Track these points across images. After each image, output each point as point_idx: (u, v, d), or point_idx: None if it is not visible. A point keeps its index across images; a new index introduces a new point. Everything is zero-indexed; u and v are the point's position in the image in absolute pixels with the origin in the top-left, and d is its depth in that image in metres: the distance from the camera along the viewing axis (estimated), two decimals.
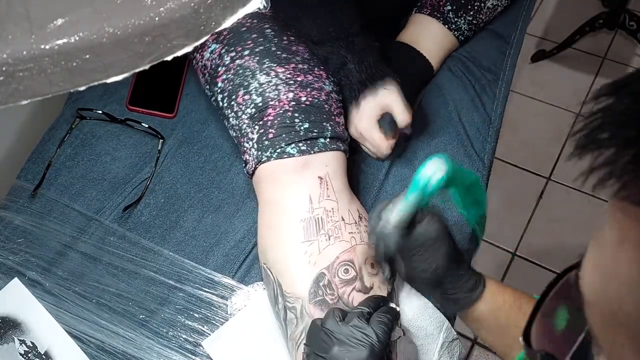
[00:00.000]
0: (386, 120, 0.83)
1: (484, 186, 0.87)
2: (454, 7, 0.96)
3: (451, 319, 0.77)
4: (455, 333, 0.76)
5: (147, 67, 0.41)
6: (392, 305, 0.66)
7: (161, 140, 0.91)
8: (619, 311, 0.28)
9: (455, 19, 0.96)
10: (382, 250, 0.65)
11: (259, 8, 0.46)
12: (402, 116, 0.82)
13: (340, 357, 0.58)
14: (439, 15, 0.96)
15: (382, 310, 0.63)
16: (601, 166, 0.27)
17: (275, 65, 0.79)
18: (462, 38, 0.99)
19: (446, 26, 0.96)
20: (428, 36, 0.96)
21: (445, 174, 0.60)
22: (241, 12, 0.44)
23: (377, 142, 0.84)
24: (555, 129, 2.00)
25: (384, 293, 0.69)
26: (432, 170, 0.60)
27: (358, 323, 0.60)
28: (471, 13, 0.97)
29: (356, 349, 0.58)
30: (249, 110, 0.78)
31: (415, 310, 0.75)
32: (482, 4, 0.98)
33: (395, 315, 0.63)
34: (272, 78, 0.78)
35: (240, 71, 0.80)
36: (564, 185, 1.87)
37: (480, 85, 0.98)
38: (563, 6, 2.33)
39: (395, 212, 0.62)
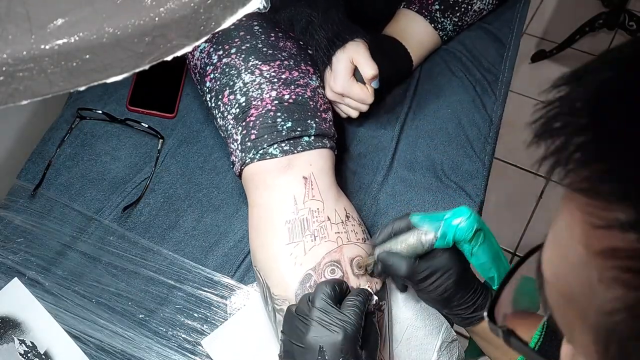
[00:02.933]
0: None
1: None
2: (442, 7, 0.96)
3: (450, 320, 0.77)
4: (454, 334, 0.76)
5: (147, 67, 0.41)
6: (364, 287, 0.66)
7: (161, 140, 0.91)
8: (569, 290, 0.30)
9: (442, 19, 0.97)
10: (384, 269, 0.66)
11: (258, 8, 0.46)
12: (367, 68, 0.81)
13: (315, 343, 0.58)
14: (426, 13, 0.96)
15: (353, 293, 0.63)
16: (551, 154, 0.29)
17: (260, 63, 0.78)
18: (446, 38, 1.00)
19: (432, 25, 0.97)
20: (413, 33, 0.97)
21: (476, 229, 0.62)
22: (241, 12, 0.44)
23: (359, 95, 0.82)
24: None
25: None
26: (466, 220, 0.62)
27: (327, 306, 0.60)
28: (457, 14, 0.98)
29: (330, 333, 0.58)
30: (233, 111, 0.78)
31: (414, 310, 0.75)
32: (469, 7, 0.98)
33: (367, 297, 0.64)
34: (256, 77, 0.77)
35: (227, 70, 0.79)
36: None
37: (481, 86, 0.98)
38: (563, 6, 2.33)
39: (414, 245, 0.64)
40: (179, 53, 0.42)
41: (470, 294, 0.66)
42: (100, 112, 0.93)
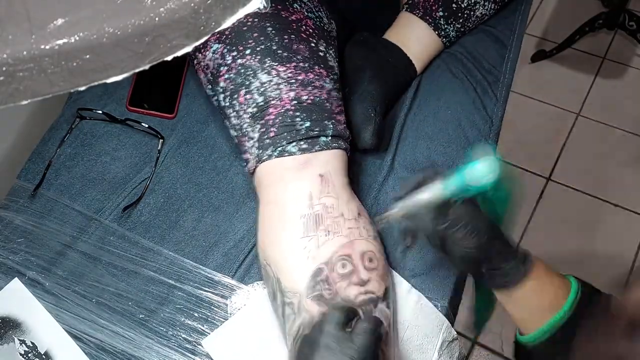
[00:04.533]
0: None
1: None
2: (446, 14, 0.96)
3: (451, 319, 0.77)
4: (455, 333, 0.76)
5: (147, 67, 0.41)
6: (375, 315, 0.65)
7: (161, 140, 0.91)
8: None
9: (446, 26, 0.97)
10: (411, 226, 0.66)
11: (259, 8, 0.46)
12: None
13: None
14: (430, 20, 0.96)
15: (365, 319, 0.63)
16: None
17: (276, 64, 0.79)
18: (448, 44, 1.00)
19: (436, 32, 0.97)
20: (417, 39, 0.97)
21: (494, 180, 0.60)
22: (241, 12, 0.44)
23: None
24: (555, 129, 2.00)
25: (381, 288, 0.69)
26: (486, 170, 0.60)
27: (337, 332, 0.60)
28: (460, 21, 0.98)
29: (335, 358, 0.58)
30: (250, 110, 0.78)
31: (415, 310, 0.75)
32: (471, 13, 0.99)
33: (378, 324, 0.63)
34: (273, 77, 0.78)
35: (242, 70, 0.80)
36: (564, 185, 1.87)
37: (481, 88, 0.98)
38: (563, 6, 2.33)
39: (434, 193, 0.63)
40: (179, 53, 0.42)
41: (507, 247, 0.65)
42: (100, 112, 0.93)
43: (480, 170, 0.60)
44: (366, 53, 0.94)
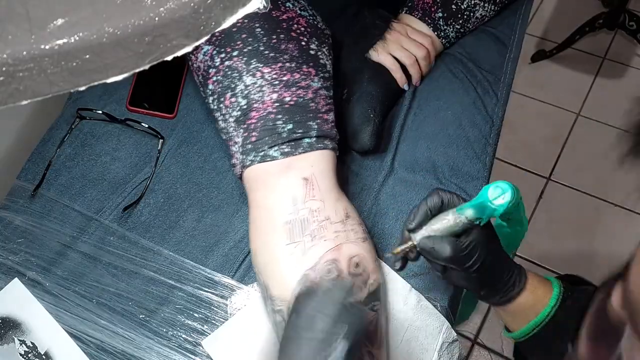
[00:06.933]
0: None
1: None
2: (445, 15, 0.96)
3: (450, 320, 0.77)
4: (455, 334, 0.76)
5: (147, 67, 0.41)
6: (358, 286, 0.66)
7: (161, 140, 0.91)
8: None
9: (445, 27, 0.97)
10: (425, 254, 0.65)
11: (258, 8, 0.46)
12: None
13: None
14: (429, 20, 0.96)
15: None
16: None
17: (261, 65, 0.78)
18: (448, 45, 1.00)
19: (435, 33, 0.97)
20: None
21: (510, 202, 0.60)
22: (241, 12, 0.44)
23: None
24: (555, 129, 2.00)
25: (362, 295, 0.68)
26: (500, 193, 0.60)
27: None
28: (460, 22, 0.98)
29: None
30: (235, 113, 0.78)
31: (415, 311, 0.75)
32: (471, 14, 0.98)
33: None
34: (257, 79, 0.77)
35: (229, 72, 0.79)
36: (564, 185, 1.87)
37: (482, 88, 0.98)
38: (563, 6, 2.33)
39: (453, 225, 0.63)
40: (179, 53, 0.41)
41: (507, 268, 0.66)
42: (100, 112, 0.93)
43: (497, 193, 0.60)
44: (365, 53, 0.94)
